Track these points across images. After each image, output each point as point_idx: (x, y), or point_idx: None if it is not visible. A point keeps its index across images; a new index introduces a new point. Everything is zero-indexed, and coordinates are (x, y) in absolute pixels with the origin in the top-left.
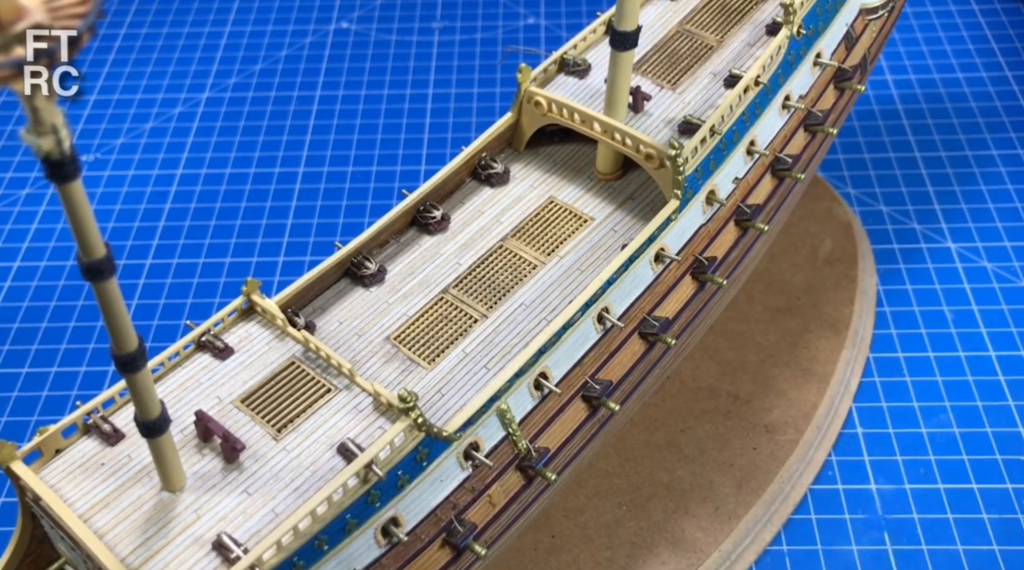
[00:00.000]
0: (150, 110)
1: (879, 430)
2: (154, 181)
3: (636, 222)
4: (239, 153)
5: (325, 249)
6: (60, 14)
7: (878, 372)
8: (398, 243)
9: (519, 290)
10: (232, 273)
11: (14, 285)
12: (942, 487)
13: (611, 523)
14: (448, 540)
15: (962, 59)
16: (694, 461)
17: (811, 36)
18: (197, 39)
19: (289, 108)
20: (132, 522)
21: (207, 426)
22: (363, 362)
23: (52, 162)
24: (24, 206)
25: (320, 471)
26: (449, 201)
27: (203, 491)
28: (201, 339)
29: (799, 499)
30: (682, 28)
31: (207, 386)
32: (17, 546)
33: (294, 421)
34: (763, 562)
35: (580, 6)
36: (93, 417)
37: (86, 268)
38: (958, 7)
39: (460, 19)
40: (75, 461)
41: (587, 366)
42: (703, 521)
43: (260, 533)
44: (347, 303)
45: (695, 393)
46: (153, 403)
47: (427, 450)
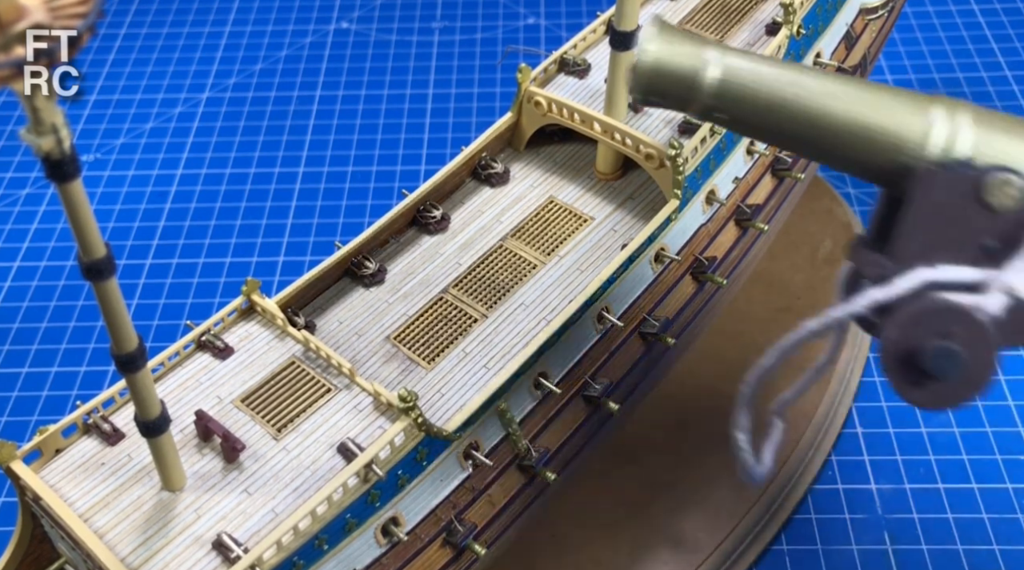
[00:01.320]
0: (150, 110)
1: (879, 430)
2: (154, 181)
3: (636, 222)
4: (239, 153)
5: (325, 249)
6: (60, 14)
7: (878, 372)
8: (398, 243)
9: (519, 290)
10: (232, 273)
11: (14, 285)
12: (942, 487)
13: (612, 523)
14: (448, 540)
15: (962, 59)
16: (694, 461)
17: (811, 36)
18: (197, 39)
19: (289, 108)
20: (132, 522)
21: (207, 426)
22: (363, 362)
23: (52, 162)
24: (24, 206)
25: (320, 471)
26: (449, 201)
27: (203, 491)
28: (201, 339)
29: (799, 499)
30: (682, 28)
31: (207, 386)
32: (17, 546)
33: (294, 421)
34: (764, 562)
35: (580, 6)
36: (93, 417)
37: (86, 268)
38: (958, 7)
39: (460, 19)
40: (75, 461)
41: (587, 366)
42: (704, 521)
43: (260, 533)
44: (347, 303)
45: (695, 393)
46: (153, 403)
47: (427, 450)
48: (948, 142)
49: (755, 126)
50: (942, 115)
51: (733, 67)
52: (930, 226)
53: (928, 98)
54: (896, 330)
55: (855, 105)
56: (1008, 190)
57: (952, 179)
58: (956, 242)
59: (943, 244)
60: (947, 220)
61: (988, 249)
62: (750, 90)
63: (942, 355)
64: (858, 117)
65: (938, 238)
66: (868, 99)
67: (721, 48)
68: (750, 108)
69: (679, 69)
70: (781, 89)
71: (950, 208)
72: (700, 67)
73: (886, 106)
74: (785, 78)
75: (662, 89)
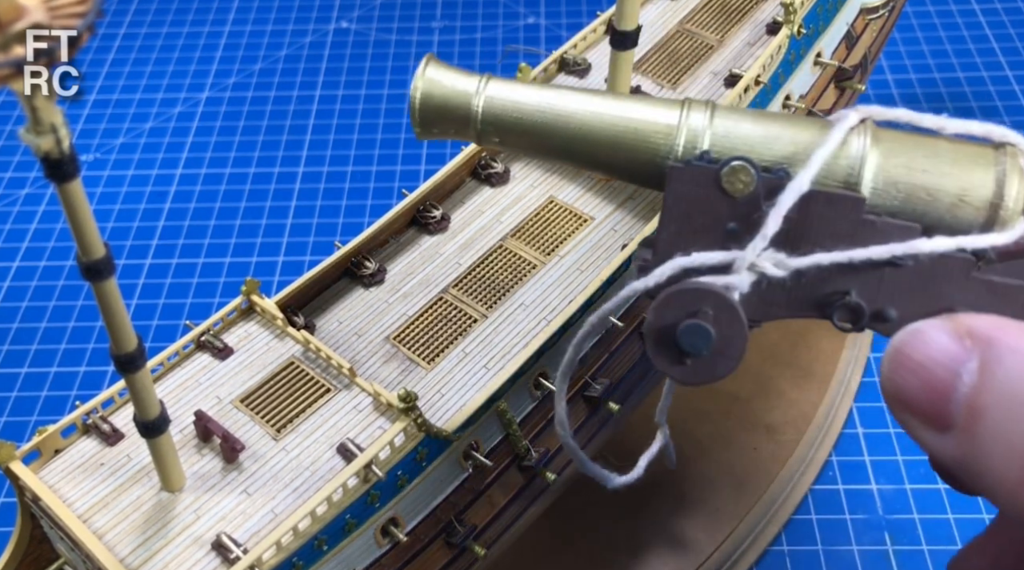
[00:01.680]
0: (149, 110)
1: (880, 430)
2: (154, 181)
3: (636, 222)
4: (239, 153)
5: (325, 249)
6: (59, 13)
7: (879, 372)
8: (398, 243)
9: (519, 290)
10: (231, 273)
11: (13, 285)
12: (942, 487)
13: (612, 523)
14: (448, 540)
15: (963, 58)
16: (695, 461)
17: (811, 35)
18: (197, 39)
19: (289, 108)
20: (131, 522)
21: (207, 426)
22: (363, 362)
23: (51, 161)
24: (24, 206)
25: (320, 471)
26: (449, 201)
27: (203, 491)
28: (200, 339)
29: (800, 499)
30: (682, 27)
31: (207, 386)
32: (16, 546)
33: (294, 421)
34: (764, 562)
35: (580, 5)
36: (92, 417)
37: (85, 268)
38: (959, 6)
39: (460, 18)
40: (74, 461)
41: (587, 366)
42: (704, 521)
43: (260, 533)
44: (347, 303)
45: (695, 393)
46: (152, 403)
47: (427, 450)
48: (690, 141)
49: (527, 146)
50: (684, 117)
51: (496, 97)
52: (682, 217)
53: (675, 103)
54: (651, 313)
55: (612, 120)
56: (741, 176)
57: (694, 173)
58: (706, 229)
59: (695, 232)
60: (696, 211)
61: (733, 232)
62: (513, 115)
63: (691, 332)
64: (616, 130)
65: (690, 227)
66: (622, 113)
67: (486, 79)
68: (518, 130)
69: (447, 102)
70: (543, 111)
71: (696, 199)
72: (466, 99)
73: (638, 116)
74: (546, 102)
75: (436, 120)
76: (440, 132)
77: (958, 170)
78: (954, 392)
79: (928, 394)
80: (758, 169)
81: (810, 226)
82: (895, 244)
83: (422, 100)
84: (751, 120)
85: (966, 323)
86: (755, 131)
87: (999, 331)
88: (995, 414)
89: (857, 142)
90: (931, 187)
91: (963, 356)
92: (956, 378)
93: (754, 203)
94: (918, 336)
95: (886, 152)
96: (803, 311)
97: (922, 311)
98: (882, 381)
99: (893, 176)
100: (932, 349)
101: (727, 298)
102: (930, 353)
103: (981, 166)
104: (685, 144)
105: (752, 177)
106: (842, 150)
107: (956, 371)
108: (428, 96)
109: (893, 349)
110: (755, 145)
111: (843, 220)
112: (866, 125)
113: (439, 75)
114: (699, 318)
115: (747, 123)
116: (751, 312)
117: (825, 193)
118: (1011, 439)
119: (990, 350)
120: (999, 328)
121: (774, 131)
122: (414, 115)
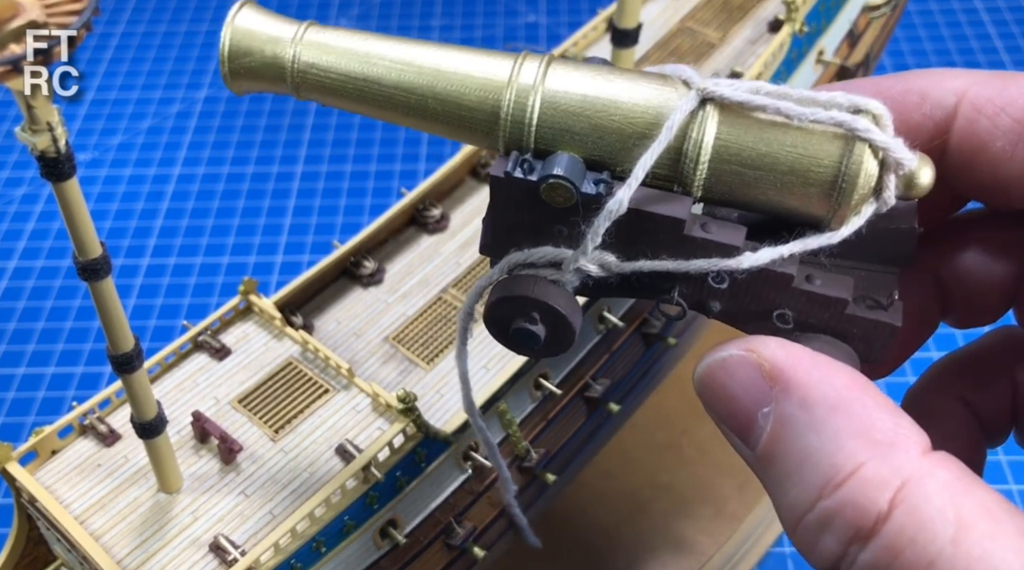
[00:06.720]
0: (147, 109)
1: None
2: (151, 180)
3: None
4: (236, 152)
5: (323, 248)
6: (55, 11)
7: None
8: (397, 242)
9: None
10: (229, 273)
11: (10, 285)
12: None
13: (612, 525)
14: (447, 542)
15: (965, 56)
16: (695, 463)
17: (814, 33)
18: (194, 38)
19: (287, 107)
20: (129, 524)
21: (204, 427)
22: (361, 362)
23: (47, 160)
24: (20, 206)
25: (318, 472)
26: (448, 200)
27: (200, 492)
28: (198, 339)
29: None
30: (683, 25)
31: (204, 386)
32: (13, 548)
33: (292, 422)
34: (765, 564)
35: (580, 3)
36: (89, 418)
37: (82, 268)
38: (962, 4)
39: (460, 16)
40: (71, 462)
41: (587, 367)
42: (705, 523)
43: (258, 535)
44: (345, 303)
45: (696, 394)
46: (150, 404)
47: (426, 451)
48: (519, 104)
49: (347, 98)
50: (515, 71)
51: (313, 42)
52: (511, 218)
53: (509, 56)
54: (487, 309)
55: (440, 75)
56: (559, 193)
57: (514, 184)
58: (536, 228)
59: (525, 230)
60: (524, 212)
61: (561, 233)
62: (334, 70)
63: (520, 335)
64: (445, 87)
65: (520, 226)
66: (452, 67)
67: (305, 27)
68: (336, 80)
69: (260, 52)
70: (360, 61)
71: (521, 205)
72: (280, 44)
73: (465, 70)
74: (363, 49)
75: (246, 71)
76: (252, 85)
77: (801, 151)
78: (755, 426)
79: (734, 420)
80: (577, 187)
81: (638, 233)
82: (716, 259)
83: (231, 48)
84: (585, 86)
85: (770, 360)
86: (585, 111)
87: (794, 371)
88: (782, 466)
89: (697, 130)
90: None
91: (764, 399)
92: (758, 416)
93: (576, 213)
94: (726, 367)
95: (724, 141)
96: (633, 295)
97: (747, 308)
98: (696, 390)
99: (729, 163)
100: (738, 385)
101: (553, 307)
102: (735, 389)
103: (827, 145)
104: (515, 105)
105: (571, 193)
106: (679, 132)
107: (758, 410)
108: (237, 45)
109: (705, 369)
110: (584, 137)
111: (666, 234)
112: (713, 105)
113: (252, 21)
114: (527, 322)
115: (579, 91)
116: (587, 290)
117: (645, 212)
118: (791, 492)
119: (785, 399)
120: (794, 368)
121: (607, 109)
122: (223, 64)
